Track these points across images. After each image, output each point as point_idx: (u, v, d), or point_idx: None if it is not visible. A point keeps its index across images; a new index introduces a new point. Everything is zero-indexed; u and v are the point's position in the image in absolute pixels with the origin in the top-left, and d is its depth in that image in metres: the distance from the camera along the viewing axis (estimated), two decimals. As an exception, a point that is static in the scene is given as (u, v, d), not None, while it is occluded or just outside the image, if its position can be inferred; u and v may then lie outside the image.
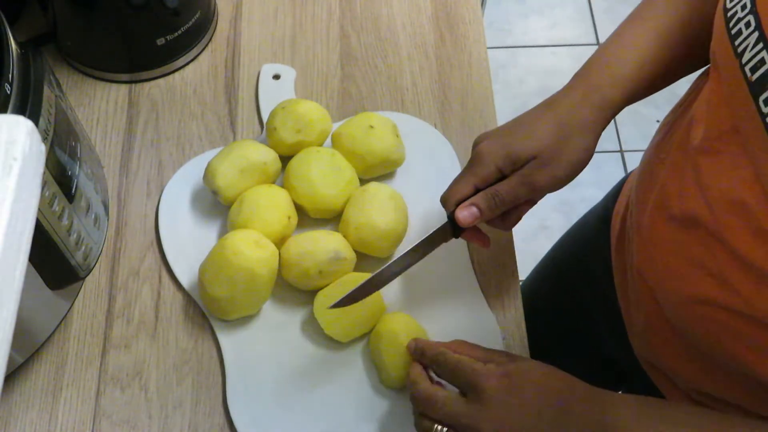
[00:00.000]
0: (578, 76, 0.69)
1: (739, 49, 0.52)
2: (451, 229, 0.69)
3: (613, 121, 0.68)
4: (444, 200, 0.69)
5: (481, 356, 0.64)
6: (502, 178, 0.67)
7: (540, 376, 0.61)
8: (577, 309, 0.91)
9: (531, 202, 0.70)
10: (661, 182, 0.65)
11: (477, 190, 0.68)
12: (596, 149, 0.68)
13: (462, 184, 0.68)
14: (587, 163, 0.67)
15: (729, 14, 0.54)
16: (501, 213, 0.68)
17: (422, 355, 0.68)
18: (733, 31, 0.53)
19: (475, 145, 0.68)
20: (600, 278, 0.82)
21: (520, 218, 0.71)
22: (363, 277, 0.75)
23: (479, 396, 0.60)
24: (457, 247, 0.80)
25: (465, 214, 0.67)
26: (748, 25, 0.52)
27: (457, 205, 0.68)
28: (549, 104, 0.69)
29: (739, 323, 0.57)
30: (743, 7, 0.53)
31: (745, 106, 0.52)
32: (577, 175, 0.67)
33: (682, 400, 0.71)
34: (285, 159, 0.82)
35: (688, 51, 0.68)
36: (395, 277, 0.71)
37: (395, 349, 0.71)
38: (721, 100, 0.57)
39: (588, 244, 0.89)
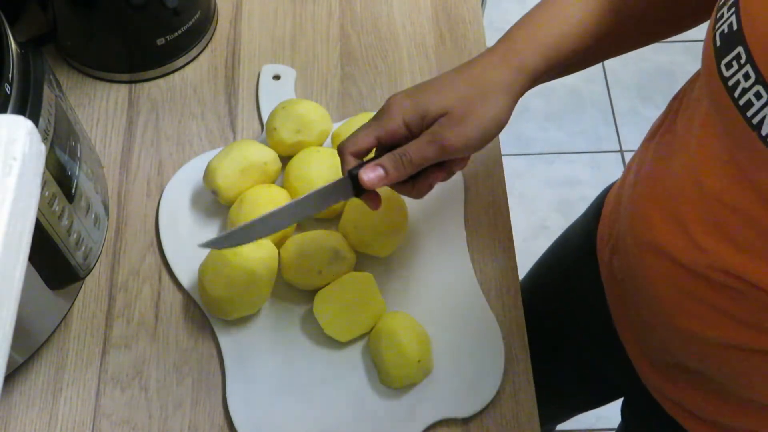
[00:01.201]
0: (500, 41, 0.66)
1: (755, 121, 0.50)
2: (352, 186, 0.64)
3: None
4: (341, 149, 0.64)
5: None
6: (409, 138, 0.63)
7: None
8: (570, 337, 0.90)
9: (445, 171, 0.65)
10: (659, 223, 0.62)
11: (379, 143, 0.63)
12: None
13: (364, 133, 0.63)
14: (502, 127, 0.63)
15: (730, 84, 0.51)
16: (411, 178, 0.64)
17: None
18: (742, 102, 0.51)
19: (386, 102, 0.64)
20: (592, 304, 0.81)
21: (431, 186, 0.65)
22: (363, 276, 0.75)
23: None
24: (456, 246, 0.80)
25: (371, 176, 0.61)
26: (747, 77, 0.50)
27: (356, 156, 0.63)
28: (467, 64, 0.65)
29: (750, 356, 0.57)
30: (746, 77, 0.50)
31: (754, 149, 0.50)
32: (490, 139, 0.63)
33: (694, 424, 0.71)
34: (285, 159, 0.82)
35: (619, 26, 0.65)
36: (283, 227, 0.66)
37: (395, 349, 0.71)
38: (719, 140, 0.55)
39: (574, 271, 0.88)
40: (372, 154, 0.65)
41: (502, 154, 0.87)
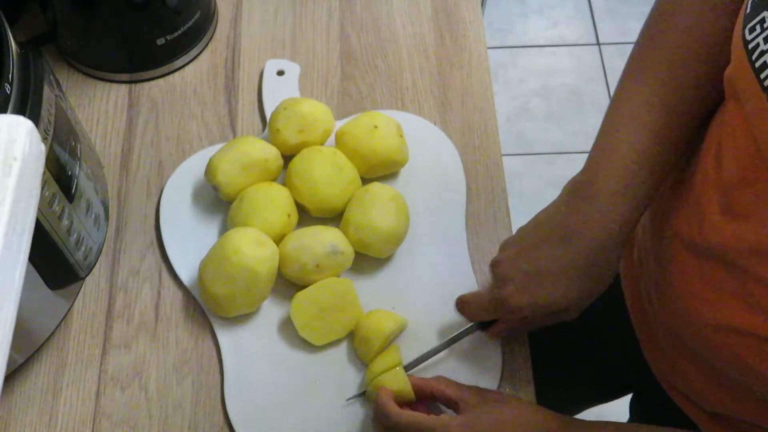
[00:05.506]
0: (586, 197, 0.64)
1: (766, 83, 0.51)
2: (478, 328, 0.73)
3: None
4: (462, 311, 0.72)
5: (451, 396, 0.67)
6: None
7: (503, 424, 0.62)
8: (583, 330, 0.90)
9: None
10: (681, 212, 0.63)
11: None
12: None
13: (484, 314, 0.71)
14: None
15: (750, 46, 0.52)
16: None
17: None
18: (758, 64, 0.51)
19: (496, 273, 0.66)
20: (607, 299, 0.81)
21: None
22: (342, 282, 0.75)
23: None
24: (456, 247, 0.80)
25: (497, 336, 0.73)
26: (766, 40, 0.50)
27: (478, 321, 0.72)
28: (566, 239, 0.64)
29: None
30: (766, 40, 0.51)
31: (764, 113, 0.51)
32: None
33: (705, 420, 0.71)
34: (287, 156, 0.81)
35: (697, 115, 0.64)
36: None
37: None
38: (746, 131, 0.55)
39: None
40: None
41: (502, 154, 0.87)
